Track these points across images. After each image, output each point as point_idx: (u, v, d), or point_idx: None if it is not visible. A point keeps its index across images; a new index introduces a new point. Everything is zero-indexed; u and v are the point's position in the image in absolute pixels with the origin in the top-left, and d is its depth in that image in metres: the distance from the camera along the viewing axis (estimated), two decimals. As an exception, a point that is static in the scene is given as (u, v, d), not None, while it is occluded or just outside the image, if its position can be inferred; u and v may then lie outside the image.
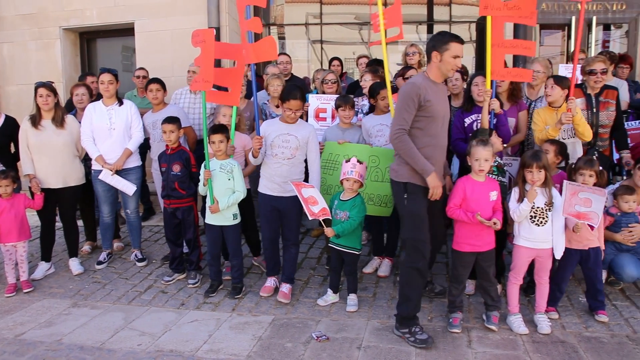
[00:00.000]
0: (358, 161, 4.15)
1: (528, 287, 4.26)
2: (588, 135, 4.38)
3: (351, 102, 4.83)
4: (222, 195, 4.40)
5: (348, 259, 4.27)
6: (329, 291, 4.38)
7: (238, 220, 4.53)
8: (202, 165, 4.47)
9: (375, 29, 4.71)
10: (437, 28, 10.09)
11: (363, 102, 5.31)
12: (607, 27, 8.71)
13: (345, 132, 4.82)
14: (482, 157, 3.72)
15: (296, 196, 4.23)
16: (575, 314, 4.07)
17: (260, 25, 4.31)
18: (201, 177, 4.46)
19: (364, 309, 4.22)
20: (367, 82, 5.14)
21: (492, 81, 4.25)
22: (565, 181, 3.70)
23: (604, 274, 4.39)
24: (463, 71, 5.08)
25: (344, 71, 7.34)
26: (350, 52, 10.06)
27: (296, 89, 4.28)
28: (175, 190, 4.76)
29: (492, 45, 4.22)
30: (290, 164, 4.32)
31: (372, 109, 5.05)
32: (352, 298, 4.28)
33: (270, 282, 4.61)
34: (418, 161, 3.57)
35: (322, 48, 10.29)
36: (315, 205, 4.07)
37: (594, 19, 7.95)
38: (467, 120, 4.49)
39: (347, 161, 4.18)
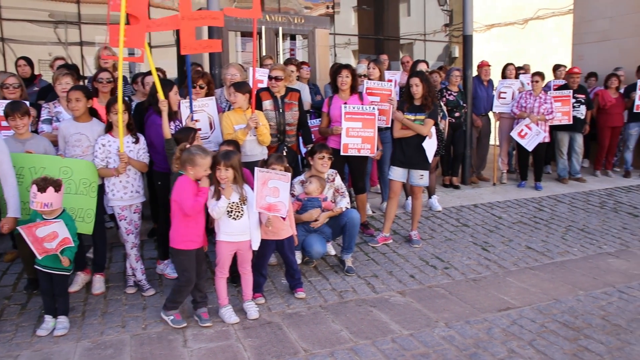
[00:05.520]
0: (39, 190, 3.66)
1: (235, 278, 4.48)
2: (267, 141, 4.96)
3: (23, 109, 4.31)
4: None
5: (58, 279, 3.92)
6: (47, 317, 3.93)
7: None
8: None
9: (112, 43, 4.37)
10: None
11: (57, 109, 4.88)
12: (293, 37, 9.84)
13: (26, 144, 4.29)
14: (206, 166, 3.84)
15: None
16: (279, 296, 4.52)
17: None
18: None
19: (72, 331, 3.91)
20: (68, 85, 4.74)
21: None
22: (256, 168, 4.00)
23: (300, 255, 5.00)
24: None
25: (36, 73, 6.62)
26: (45, 53, 9.23)
27: None
28: None
29: (182, 19, 4.37)
30: None
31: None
32: (61, 321, 3.92)
33: None
34: None
35: (3, 47, 9.19)
36: (54, 240, 3.68)
37: (280, 29, 8.91)
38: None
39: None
